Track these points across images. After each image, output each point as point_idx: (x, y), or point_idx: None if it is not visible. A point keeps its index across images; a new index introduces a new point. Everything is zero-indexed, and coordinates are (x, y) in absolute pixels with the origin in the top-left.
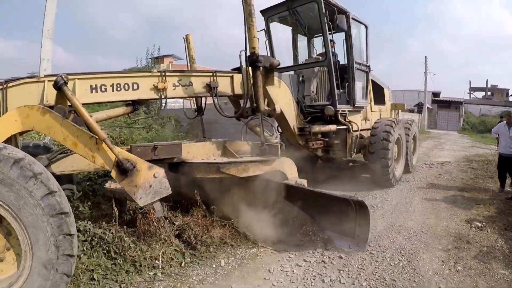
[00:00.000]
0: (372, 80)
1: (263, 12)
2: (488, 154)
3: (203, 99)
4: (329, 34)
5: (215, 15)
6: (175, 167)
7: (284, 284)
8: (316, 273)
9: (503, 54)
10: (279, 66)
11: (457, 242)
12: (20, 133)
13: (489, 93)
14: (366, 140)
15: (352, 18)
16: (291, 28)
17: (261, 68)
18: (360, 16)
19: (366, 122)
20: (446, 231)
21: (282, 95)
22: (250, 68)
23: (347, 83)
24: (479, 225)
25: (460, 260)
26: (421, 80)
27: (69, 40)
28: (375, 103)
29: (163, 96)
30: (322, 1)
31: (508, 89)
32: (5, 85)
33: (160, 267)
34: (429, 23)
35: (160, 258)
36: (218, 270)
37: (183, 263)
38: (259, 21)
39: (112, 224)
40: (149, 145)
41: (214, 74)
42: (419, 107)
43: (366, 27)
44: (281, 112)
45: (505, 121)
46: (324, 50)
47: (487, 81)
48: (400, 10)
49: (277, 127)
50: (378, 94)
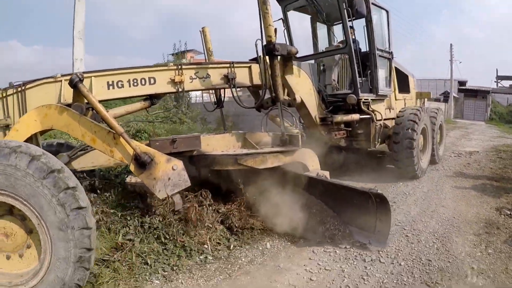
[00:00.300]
0: (396, 68)
1: (279, 0)
2: None
3: (222, 91)
4: (349, 20)
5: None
6: (194, 159)
7: (328, 263)
8: (357, 254)
9: None
10: (297, 55)
11: (488, 227)
12: (41, 132)
13: None
14: (391, 129)
15: (372, 3)
16: (309, 16)
17: (279, 57)
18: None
19: (390, 111)
20: (477, 217)
21: (302, 84)
22: (267, 57)
23: (369, 71)
24: (509, 212)
25: (491, 244)
26: (446, 68)
27: (92, 43)
28: (400, 91)
29: (180, 89)
30: None
31: None
32: (23, 87)
33: (210, 250)
34: (453, 10)
35: (207, 243)
36: (265, 252)
37: (231, 247)
38: (275, 10)
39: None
40: (167, 138)
41: (232, 65)
42: (445, 96)
43: (387, 12)
44: (302, 101)
45: None
46: (344, 38)
47: None
48: None
49: (299, 117)
50: (402, 82)
